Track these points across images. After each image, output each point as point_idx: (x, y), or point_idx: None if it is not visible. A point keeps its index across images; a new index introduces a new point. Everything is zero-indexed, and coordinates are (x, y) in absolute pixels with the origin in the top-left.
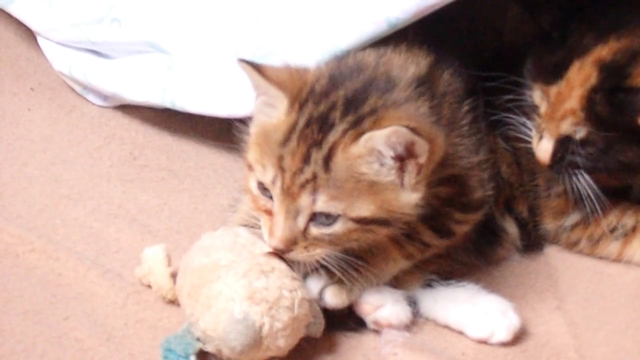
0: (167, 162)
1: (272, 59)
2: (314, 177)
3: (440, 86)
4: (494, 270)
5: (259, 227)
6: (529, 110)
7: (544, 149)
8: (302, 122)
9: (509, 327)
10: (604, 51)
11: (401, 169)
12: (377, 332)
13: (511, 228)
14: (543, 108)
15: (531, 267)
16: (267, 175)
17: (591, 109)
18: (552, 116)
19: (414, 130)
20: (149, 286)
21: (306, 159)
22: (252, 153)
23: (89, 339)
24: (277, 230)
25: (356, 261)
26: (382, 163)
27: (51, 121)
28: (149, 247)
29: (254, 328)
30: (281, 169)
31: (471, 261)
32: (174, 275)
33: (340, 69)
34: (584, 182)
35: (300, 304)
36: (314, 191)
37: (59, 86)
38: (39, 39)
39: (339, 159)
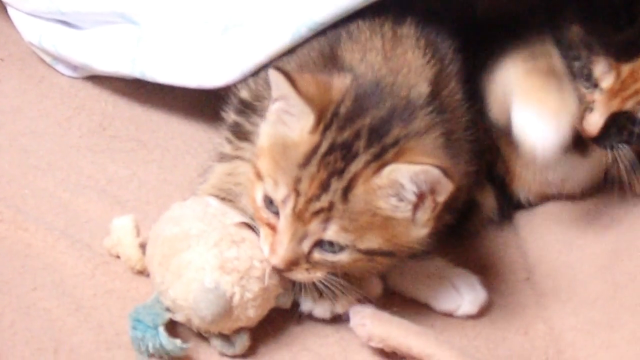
0: (136, 132)
1: (242, 31)
2: (330, 206)
3: (447, 97)
4: (463, 242)
5: (229, 200)
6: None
7: (593, 122)
8: (325, 146)
9: (475, 300)
10: None
11: (417, 205)
12: None
13: (488, 199)
14: (607, 82)
15: (500, 238)
16: (279, 192)
17: None
18: (618, 93)
19: (445, 172)
20: (118, 257)
21: (325, 187)
22: (264, 163)
23: (58, 310)
24: (280, 250)
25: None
26: (401, 197)
27: (21, 92)
28: (118, 218)
29: (224, 297)
30: (296, 191)
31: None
32: (142, 246)
33: (364, 88)
34: (625, 155)
35: (271, 275)
36: (327, 220)
37: (28, 57)
38: (9, 10)
39: (358, 191)
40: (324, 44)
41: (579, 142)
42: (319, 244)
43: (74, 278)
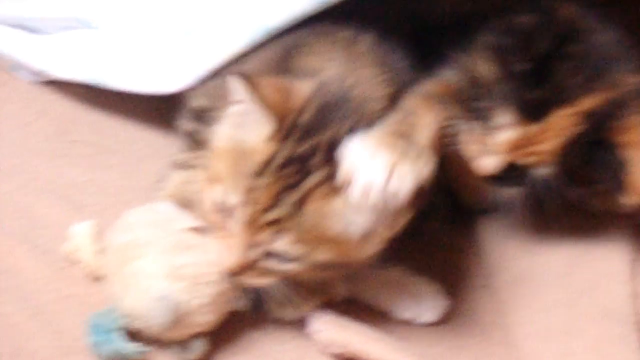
0: (96, 137)
1: (197, 37)
2: (283, 219)
3: None
4: (422, 248)
5: (186, 206)
6: (465, 112)
7: (488, 164)
8: (281, 157)
9: (436, 308)
10: (593, 102)
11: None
12: None
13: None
14: (507, 135)
15: (459, 244)
16: (232, 198)
17: (564, 158)
18: (517, 148)
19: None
20: (78, 262)
21: (278, 199)
22: (218, 167)
23: (17, 314)
24: (233, 254)
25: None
26: (351, 224)
27: None
28: (77, 224)
29: (176, 306)
30: (249, 200)
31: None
32: (102, 252)
33: (328, 99)
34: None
35: (224, 279)
36: (279, 231)
37: None
38: None
39: (311, 208)
40: (280, 48)
41: None
42: (270, 254)
43: (34, 283)
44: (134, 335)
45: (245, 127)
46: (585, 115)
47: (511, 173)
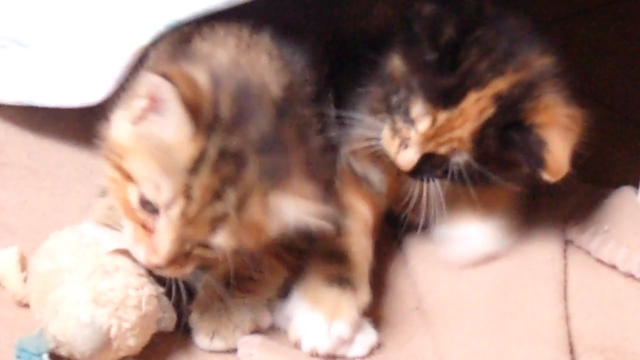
0: (28, 160)
1: (107, 39)
2: (224, 215)
3: (298, 113)
4: None
5: (116, 229)
6: (386, 110)
7: (408, 158)
8: (213, 152)
9: (366, 344)
10: (502, 84)
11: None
12: None
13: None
14: (423, 126)
15: (390, 266)
16: (162, 196)
17: (481, 142)
18: (433, 137)
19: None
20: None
21: (219, 195)
22: (136, 164)
23: None
24: (162, 250)
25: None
26: (284, 220)
27: None
28: (2, 251)
29: (101, 331)
30: (187, 197)
31: None
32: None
33: (234, 86)
34: (434, 189)
35: (148, 301)
36: (218, 227)
37: None
38: None
39: (253, 203)
40: (178, 37)
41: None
42: (203, 244)
43: None
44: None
45: (156, 123)
46: (497, 98)
47: (431, 165)
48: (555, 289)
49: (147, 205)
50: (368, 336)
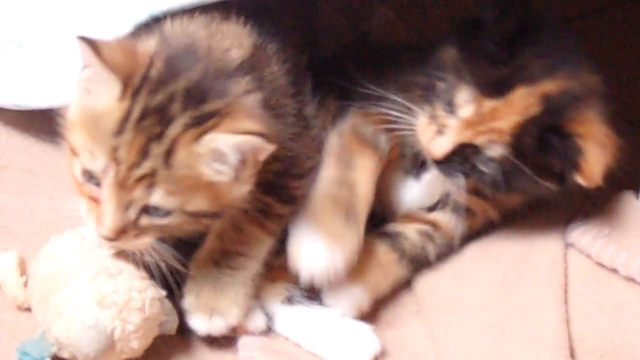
0: (28, 163)
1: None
2: (153, 172)
3: (268, 74)
4: None
5: None
6: (427, 97)
7: (441, 145)
8: (137, 111)
9: (368, 352)
10: (552, 86)
11: (239, 168)
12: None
13: None
14: (466, 112)
15: None
16: (97, 164)
17: (520, 138)
18: (474, 125)
19: (265, 137)
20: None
21: (145, 153)
22: (76, 137)
23: None
24: (107, 219)
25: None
26: (223, 162)
27: None
28: (0, 255)
29: (105, 333)
30: (115, 160)
31: None
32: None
33: (175, 49)
34: (457, 184)
35: (151, 304)
36: (151, 186)
37: None
38: None
39: (180, 156)
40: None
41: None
42: (146, 209)
43: None
44: None
45: (94, 91)
46: (545, 98)
47: (461, 158)
48: (556, 292)
49: (90, 178)
50: (371, 346)
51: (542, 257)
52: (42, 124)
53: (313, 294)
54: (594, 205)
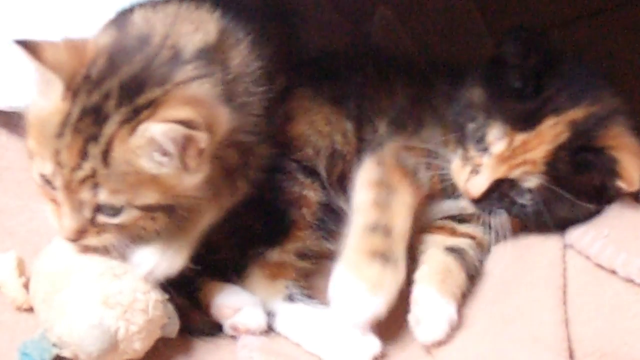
0: (28, 164)
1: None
2: (94, 172)
3: (235, 60)
4: None
5: None
6: (459, 139)
7: (478, 185)
8: (75, 113)
9: (368, 353)
10: (578, 114)
11: (182, 156)
12: (233, 337)
13: (347, 207)
14: (498, 148)
15: None
16: (47, 168)
17: (554, 164)
18: (508, 159)
19: (189, 124)
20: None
21: (83, 155)
22: (30, 140)
23: None
24: (65, 221)
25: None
26: (163, 153)
27: None
28: (0, 255)
29: (109, 333)
30: (59, 164)
31: (325, 247)
32: (27, 285)
33: (124, 42)
34: (500, 221)
35: (155, 306)
36: (95, 186)
37: None
38: None
39: (117, 153)
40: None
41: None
42: (99, 209)
43: None
44: None
45: (42, 94)
46: (572, 124)
47: (499, 193)
48: (555, 293)
49: (47, 182)
50: (371, 346)
51: (541, 257)
52: None
53: (313, 292)
54: None
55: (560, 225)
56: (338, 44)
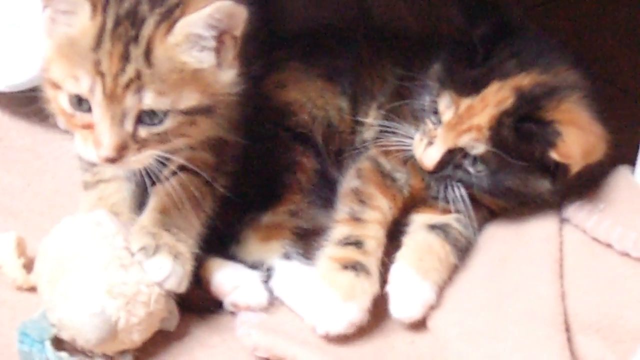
0: (32, 143)
1: None
2: (138, 74)
3: None
4: None
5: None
6: (417, 114)
7: (431, 155)
8: (110, 22)
9: (344, 320)
10: (525, 80)
11: (219, 49)
12: (233, 313)
13: (309, 160)
14: (447, 116)
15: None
16: (83, 85)
17: (498, 131)
18: (455, 127)
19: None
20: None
21: (126, 57)
22: (56, 69)
23: None
24: (105, 138)
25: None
26: (202, 47)
27: None
28: (1, 235)
29: (109, 322)
30: (100, 73)
31: (320, 215)
32: (27, 265)
33: None
34: (459, 194)
35: (157, 300)
36: (140, 89)
37: None
38: None
39: (159, 52)
40: None
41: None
42: (141, 118)
43: None
44: (59, 342)
45: (65, 22)
46: (517, 90)
47: (453, 165)
48: (551, 267)
49: (79, 104)
50: (350, 312)
51: (537, 232)
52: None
53: (309, 252)
54: (590, 180)
55: (521, 201)
56: (324, 16)
